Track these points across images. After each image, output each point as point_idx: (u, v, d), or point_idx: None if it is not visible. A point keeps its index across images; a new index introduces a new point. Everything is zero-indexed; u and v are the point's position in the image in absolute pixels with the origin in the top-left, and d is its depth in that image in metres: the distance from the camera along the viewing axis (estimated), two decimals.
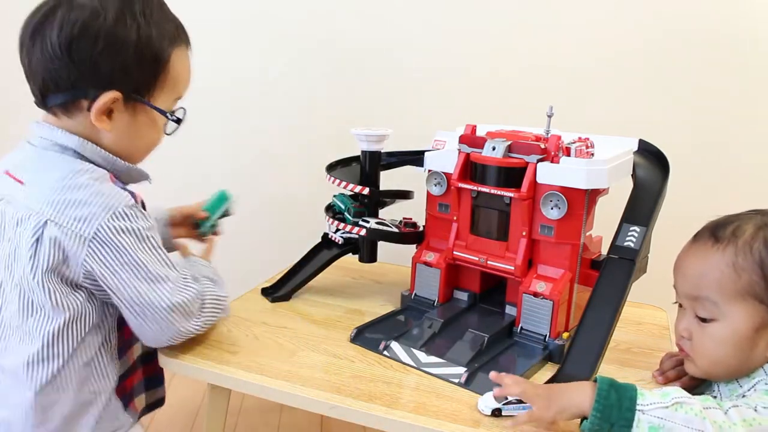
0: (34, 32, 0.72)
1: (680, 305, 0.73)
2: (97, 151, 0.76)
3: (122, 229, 0.71)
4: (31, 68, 0.74)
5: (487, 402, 0.70)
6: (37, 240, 0.70)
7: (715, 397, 0.70)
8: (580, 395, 0.63)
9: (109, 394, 0.78)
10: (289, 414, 1.41)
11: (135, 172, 0.81)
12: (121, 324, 0.79)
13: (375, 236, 1.00)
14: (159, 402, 0.91)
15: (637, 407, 0.60)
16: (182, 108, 0.83)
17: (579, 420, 0.64)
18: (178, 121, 0.81)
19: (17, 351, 0.73)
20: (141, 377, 0.86)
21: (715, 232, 0.68)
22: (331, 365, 0.81)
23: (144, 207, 0.78)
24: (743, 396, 0.66)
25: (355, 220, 1.01)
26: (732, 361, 0.67)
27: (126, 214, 0.71)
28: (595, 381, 0.63)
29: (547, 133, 0.84)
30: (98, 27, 0.71)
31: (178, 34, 0.79)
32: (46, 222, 0.70)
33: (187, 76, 0.82)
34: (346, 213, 1.03)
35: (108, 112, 0.74)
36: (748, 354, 0.66)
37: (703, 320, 0.68)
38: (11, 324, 0.73)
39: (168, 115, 0.79)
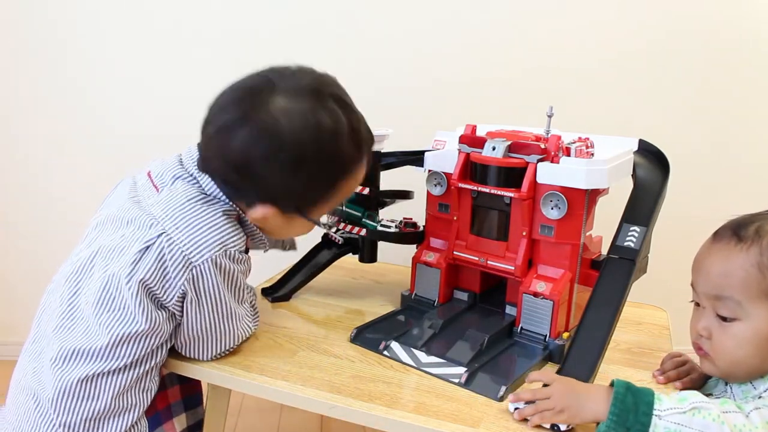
0: (222, 128, 0.71)
1: (697, 304, 0.72)
2: (242, 218, 0.77)
3: (224, 269, 0.73)
4: (204, 142, 0.75)
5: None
6: (147, 248, 0.70)
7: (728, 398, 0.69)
8: (596, 402, 0.63)
9: (142, 410, 0.75)
10: (289, 414, 1.41)
11: (259, 240, 0.81)
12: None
13: (375, 236, 1.00)
14: (200, 425, 0.88)
15: (654, 412, 0.60)
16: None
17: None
18: (337, 228, 0.82)
19: (78, 338, 0.71)
20: (179, 396, 0.85)
21: (738, 231, 0.67)
22: (331, 365, 0.81)
23: (248, 250, 0.79)
24: (759, 397, 0.65)
25: (372, 224, 1.00)
26: (752, 361, 0.66)
27: (233, 258, 0.73)
28: (611, 385, 0.63)
29: (547, 133, 0.84)
30: (283, 158, 0.70)
31: (361, 153, 0.77)
32: (160, 235, 0.71)
33: (354, 189, 0.81)
34: (365, 219, 1.01)
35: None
36: None
37: (724, 319, 0.67)
38: (84, 310, 0.73)
39: (323, 225, 0.79)
